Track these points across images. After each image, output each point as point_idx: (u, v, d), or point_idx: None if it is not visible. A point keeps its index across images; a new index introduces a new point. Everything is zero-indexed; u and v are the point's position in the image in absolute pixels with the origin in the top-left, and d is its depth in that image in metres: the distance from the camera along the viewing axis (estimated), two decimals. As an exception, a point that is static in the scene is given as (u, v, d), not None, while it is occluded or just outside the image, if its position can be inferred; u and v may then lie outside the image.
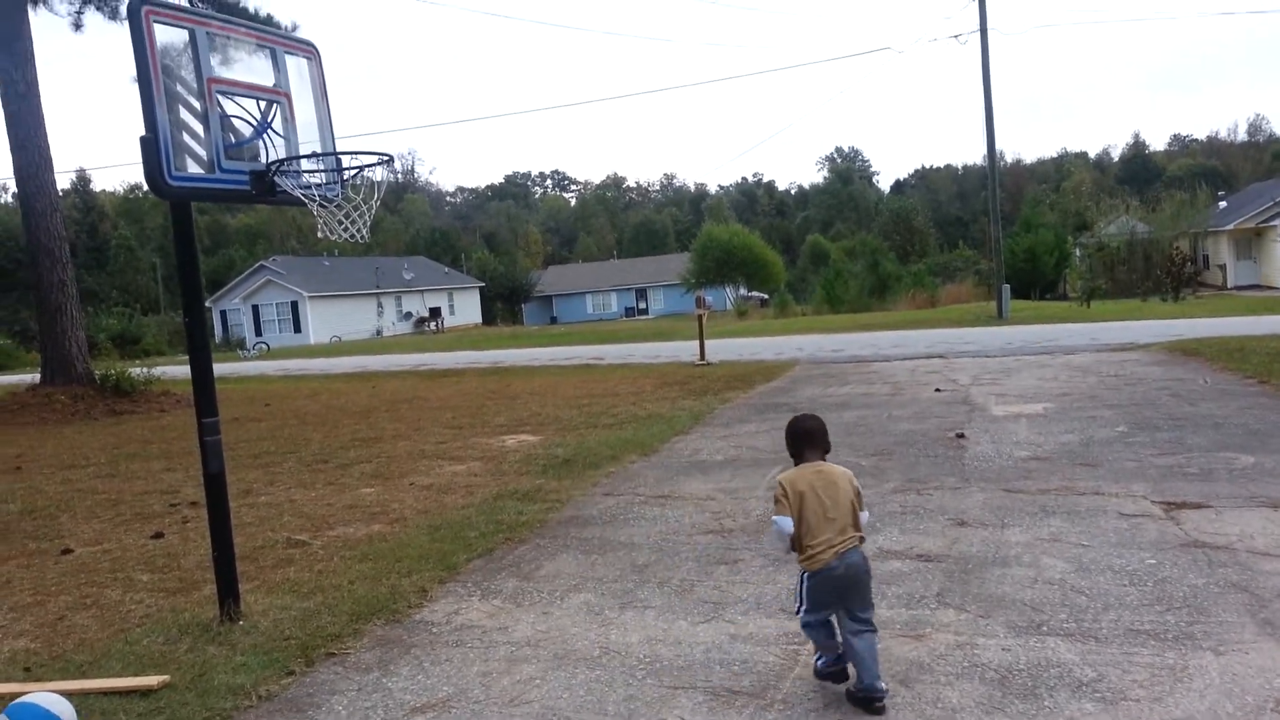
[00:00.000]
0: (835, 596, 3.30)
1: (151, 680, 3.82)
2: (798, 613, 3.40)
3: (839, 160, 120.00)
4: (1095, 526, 5.16)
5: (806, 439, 3.49)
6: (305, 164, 4.78)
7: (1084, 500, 5.72)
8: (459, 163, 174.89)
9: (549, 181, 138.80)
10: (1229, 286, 41.91)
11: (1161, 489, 5.85)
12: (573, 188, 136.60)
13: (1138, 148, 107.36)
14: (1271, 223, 39.11)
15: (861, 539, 3.35)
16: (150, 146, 4.19)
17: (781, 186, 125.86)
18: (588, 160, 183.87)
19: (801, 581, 3.36)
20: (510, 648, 4.04)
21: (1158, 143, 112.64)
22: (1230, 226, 42.58)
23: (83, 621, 4.76)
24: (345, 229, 4.60)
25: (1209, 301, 30.68)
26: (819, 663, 3.45)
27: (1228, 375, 10.70)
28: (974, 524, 5.39)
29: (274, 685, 3.78)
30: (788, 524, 3.31)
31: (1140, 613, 3.91)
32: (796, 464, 3.49)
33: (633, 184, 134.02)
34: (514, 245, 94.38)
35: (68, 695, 3.51)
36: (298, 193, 4.52)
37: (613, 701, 3.46)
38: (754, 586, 4.58)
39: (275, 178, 4.51)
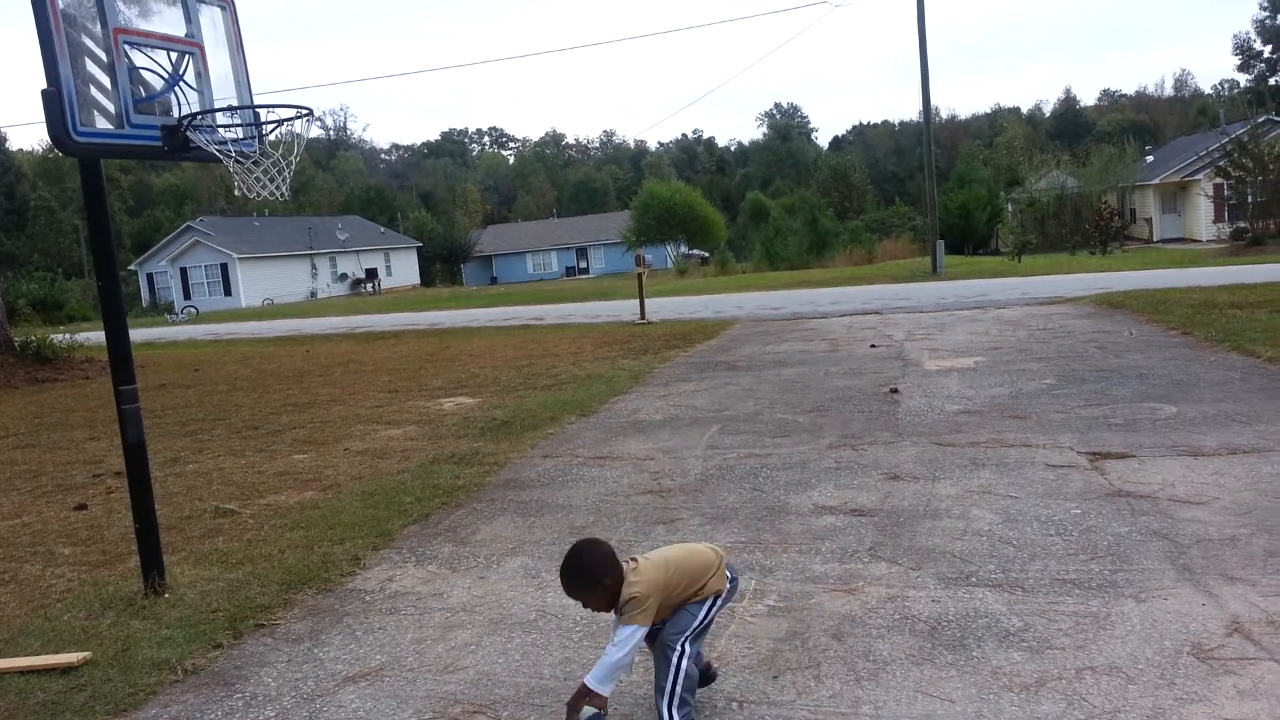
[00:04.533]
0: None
1: (72, 657, 3.70)
2: (681, 652, 2.86)
3: (778, 116, 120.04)
4: (1023, 478, 5.26)
5: (613, 557, 2.92)
6: (221, 118, 4.58)
7: (1012, 452, 5.84)
8: (393, 119, 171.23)
9: (486, 139, 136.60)
10: (1155, 240, 43.07)
11: (1087, 440, 5.99)
12: (511, 145, 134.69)
13: (1069, 103, 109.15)
14: (1195, 176, 40.15)
15: None
16: (53, 101, 3.98)
17: (721, 143, 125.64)
18: (526, 117, 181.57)
19: (710, 607, 2.95)
20: (445, 614, 4.00)
21: (1088, 98, 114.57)
22: (1156, 180, 43.66)
23: (-1, 598, 4.59)
24: (264, 186, 4.43)
25: (1135, 255, 31.51)
26: (680, 716, 2.84)
27: (1152, 327, 10.99)
28: (906, 478, 5.46)
29: (200, 659, 3.69)
30: (632, 643, 2.81)
31: (1066, 562, 3.99)
32: (616, 597, 2.87)
33: (572, 141, 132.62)
34: (452, 204, 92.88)
35: (-19, 676, 3.39)
36: (212, 148, 4.33)
37: (549, 665, 3.44)
38: (691, 545, 4.58)
39: (188, 133, 4.32)
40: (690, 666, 2.89)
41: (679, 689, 2.85)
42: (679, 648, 2.88)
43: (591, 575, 2.86)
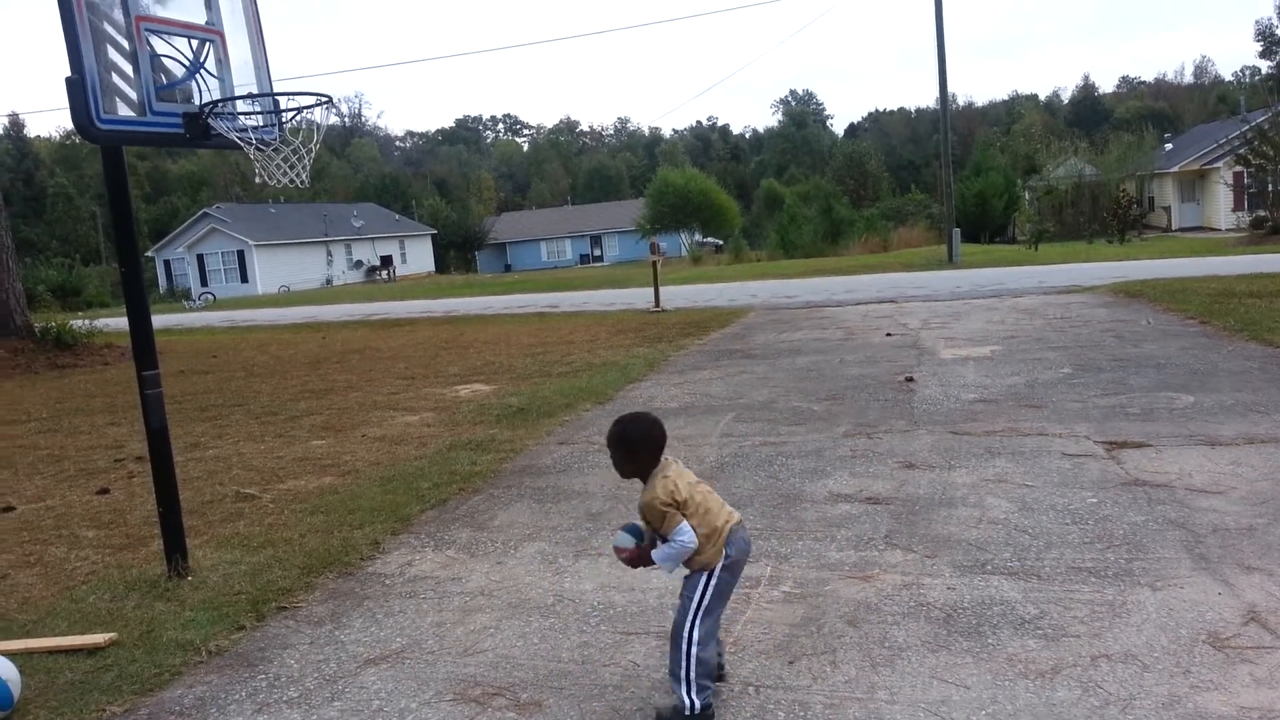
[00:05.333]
0: (732, 582, 3.00)
1: (99, 638, 3.77)
2: (689, 640, 2.86)
3: (793, 104, 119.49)
4: (1039, 467, 5.26)
5: (662, 442, 3.01)
6: (241, 106, 4.61)
7: (1028, 441, 5.83)
8: (408, 106, 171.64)
9: (501, 125, 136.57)
10: (1173, 228, 42.71)
11: (1104, 429, 5.98)
12: (525, 132, 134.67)
13: (1087, 90, 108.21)
14: (1214, 164, 39.78)
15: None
16: (77, 88, 4.02)
17: (736, 130, 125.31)
18: (540, 103, 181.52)
19: (706, 583, 2.91)
20: (464, 598, 4.04)
21: (1106, 85, 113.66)
22: (1175, 169, 43.28)
23: (26, 580, 4.66)
24: (284, 173, 4.47)
25: (1153, 243, 31.26)
26: (702, 701, 2.85)
27: (1170, 316, 10.93)
28: (922, 466, 5.47)
29: (224, 640, 3.74)
30: (692, 535, 2.86)
31: (1081, 551, 4.00)
32: (638, 472, 3.01)
33: (586, 128, 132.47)
34: (466, 191, 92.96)
35: (12, 655, 3.45)
36: (233, 135, 4.37)
37: (567, 649, 3.48)
38: (707, 532, 4.61)
39: (209, 120, 4.35)
40: (701, 652, 2.87)
41: (694, 675, 2.86)
42: (685, 634, 2.87)
43: (627, 446, 3.01)
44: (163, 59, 4.45)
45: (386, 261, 61.11)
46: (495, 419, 7.79)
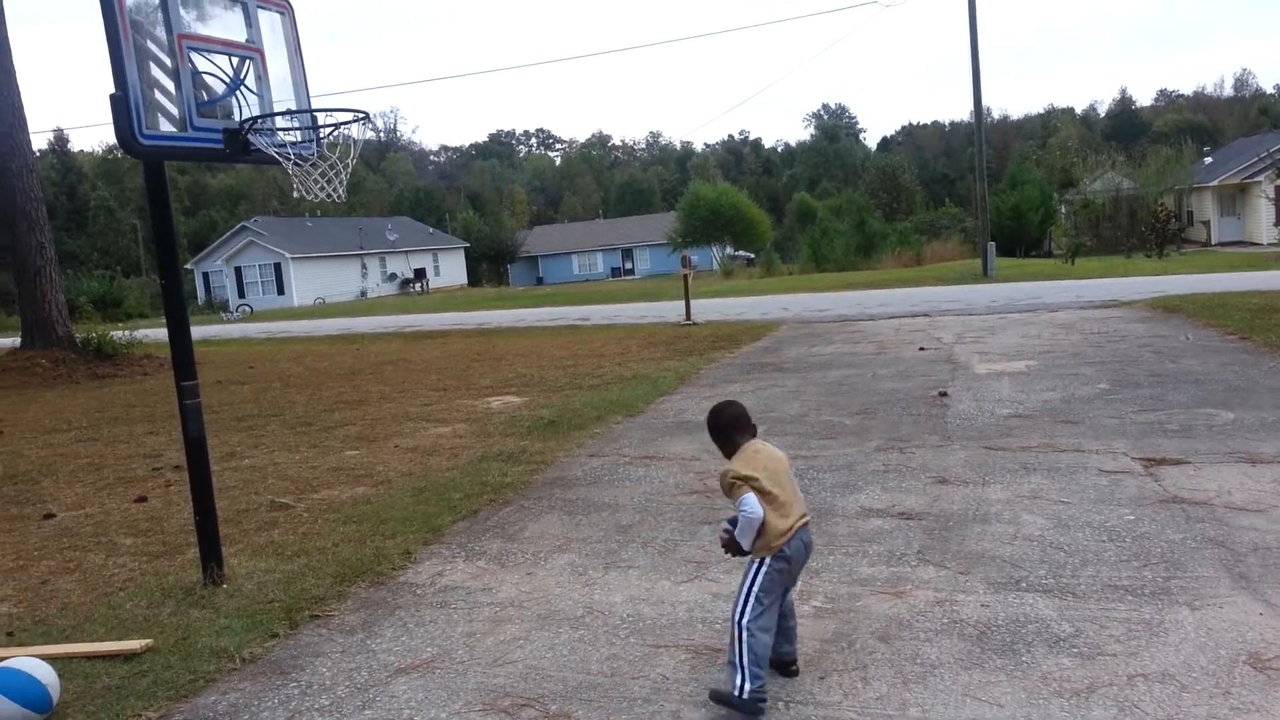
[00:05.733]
0: (789, 579, 3.13)
1: (134, 644, 3.82)
2: (742, 615, 3.00)
3: (826, 117, 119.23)
4: (1075, 483, 5.20)
5: (741, 423, 3.27)
6: (280, 122, 4.69)
7: (1064, 457, 5.76)
8: (442, 121, 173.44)
9: (534, 140, 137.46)
10: (1213, 243, 42.06)
11: (1141, 445, 5.89)
12: (558, 146, 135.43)
13: (1124, 103, 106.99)
14: (1255, 178, 39.16)
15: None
16: (120, 105, 4.11)
17: (768, 144, 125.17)
18: (573, 118, 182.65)
19: (757, 571, 3.06)
20: (494, 608, 4.06)
21: (1144, 98, 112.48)
22: (1215, 182, 42.65)
23: (65, 586, 4.75)
24: (321, 188, 4.53)
25: (1193, 258, 30.79)
26: (751, 687, 2.95)
27: (1210, 331, 10.76)
28: (955, 481, 5.42)
29: (258, 648, 3.79)
30: (755, 505, 3.03)
31: (1118, 568, 3.94)
32: (730, 453, 3.25)
33: (618, 142, 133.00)
34: (499, 205, 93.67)
35: (50, 659, 3.51)
36: (272, 151, 4.44)
37: (596, 660, 3.48)
38: (737, 545, 4.59)
39: (249, 136, 4.43)
40: (753, 640, 2.97)
41: (747, 662, 2.96)
42: (735, 620, 3.01)
43: (713, 428, 3.35)
44: (204, 76, 4.53)
45: (420, 274, 61.67)
46: (526, 431, 7.82)
